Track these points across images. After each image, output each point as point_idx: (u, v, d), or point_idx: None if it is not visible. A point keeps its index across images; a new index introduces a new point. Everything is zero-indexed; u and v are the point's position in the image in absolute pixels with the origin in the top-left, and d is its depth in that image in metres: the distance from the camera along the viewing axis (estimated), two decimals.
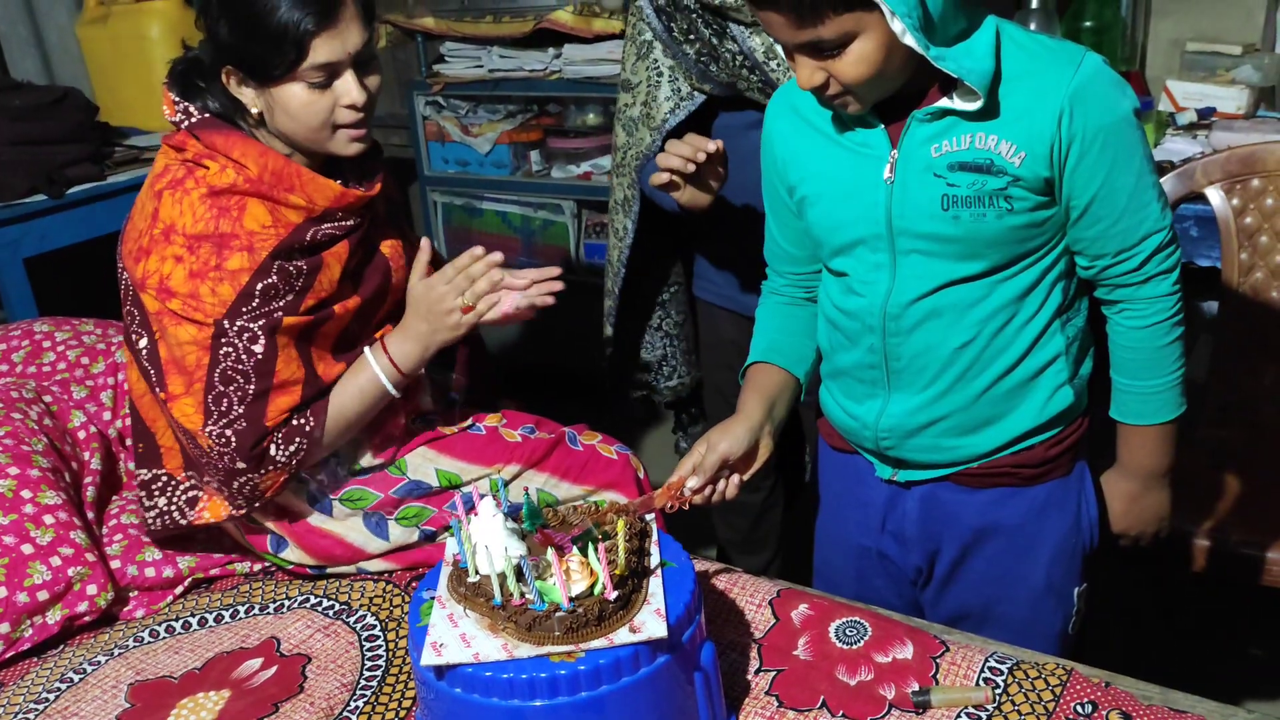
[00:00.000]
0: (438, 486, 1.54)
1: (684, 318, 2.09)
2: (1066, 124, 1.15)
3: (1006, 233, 1.19)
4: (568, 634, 1.08)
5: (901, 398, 1.30)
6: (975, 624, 1.37)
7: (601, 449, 1.65)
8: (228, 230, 1.34)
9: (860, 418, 1.34)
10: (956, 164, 1.18)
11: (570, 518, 1.25)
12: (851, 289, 1.29)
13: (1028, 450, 1.31)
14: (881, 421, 1.32)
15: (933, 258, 1.22)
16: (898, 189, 1.21)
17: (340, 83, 1.34)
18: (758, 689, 1.25)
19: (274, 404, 1.37)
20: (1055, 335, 1.26)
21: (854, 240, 1.26)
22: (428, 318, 1.47)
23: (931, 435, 1.30)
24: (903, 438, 1.32)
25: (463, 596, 1.15)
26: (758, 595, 1.38)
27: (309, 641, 1.43)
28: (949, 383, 1.27)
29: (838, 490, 1.48)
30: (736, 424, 1.32)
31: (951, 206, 1.18)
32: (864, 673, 1.24)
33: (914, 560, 1.41)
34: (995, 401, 1.27)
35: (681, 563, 1.20)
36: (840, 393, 1.38)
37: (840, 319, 1.32)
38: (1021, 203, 1.18)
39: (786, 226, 1.39)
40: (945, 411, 1.28)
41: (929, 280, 1.23)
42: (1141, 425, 1.32)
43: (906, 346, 1.27)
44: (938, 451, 1.31)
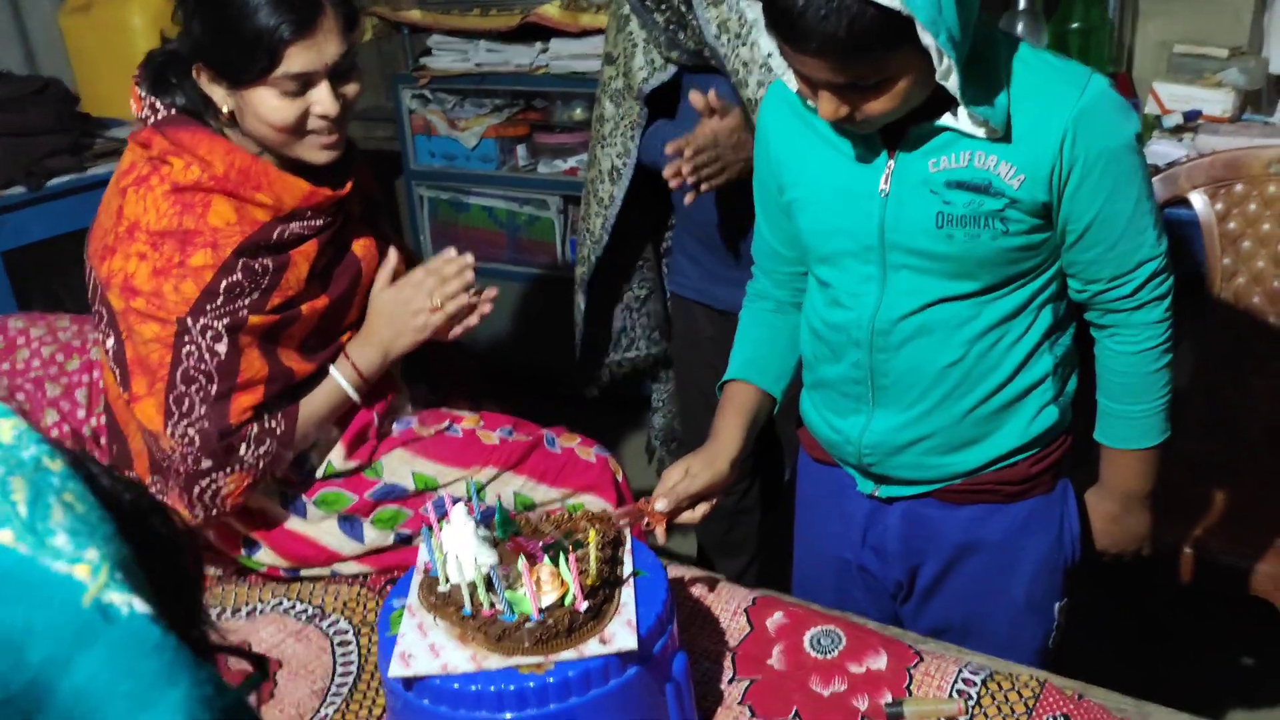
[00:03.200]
0: (414, 489, 1.52)
1: (646, 292, 2.10)
2: (1069, 148, 1.13)
3: (1000, 254, 1.18)
4: (537, 645, 1.07)
5: (886, 414, 1.29)
6: (955, 638, 1.36)
7: (580, 452, 1.64)
8: (191, 227, 1.32)
9: (843, 432, 1.33)
10: (954, 182, 1.15)
11: (542, 526, 1.24)
12: (837, 301, 1.28)
13: (1011, 468, 1.30)
14: (865, 438, 1.31)
15: (924, 274, 1.21)
16: (892, 202, 1.19)
17: (314, 92, 1.32)
18: (730, 699, 1.24)
19: (236, 403, 1.36)
20: (1043, 356, 1.25)
21: (843, 250, 1.25)
22: (392, 322, 1.46)
23: (915, 453, 1.29)
24: (886, 455, 1.31)
25: (433, 605, 1.14)
26: (733, 602, 1.38)
27: (281, 646, 1.42)
28: (935, 401, 1.26)
29: (818, 502, 1.47)
30: (719, 456, 1.31)
31: (946, 225, 1.16)
32: (838, 683, 1.24)
33: (894, 574, 1.40)
34: (981, 421, 1.26)
35: (655, 572, 1.19)
36: (823, 405, 1.37)
37: (825, 331, 1.31)
38: (1017, 225, 1.16)
39: (776, 225, 1.36)
40: (930, 430, 1.27)
41: (919, 297, 1.22)
42: (1125, 449, 1.31)
43: (893, 363, 1.25)
44: (921, 469, 1.31)
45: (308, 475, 1.50)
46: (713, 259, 1.91)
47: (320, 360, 1.45)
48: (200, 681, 0.47)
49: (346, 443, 1.49)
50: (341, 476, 1.51)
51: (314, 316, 1.42)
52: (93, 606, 0.46)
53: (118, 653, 0.45)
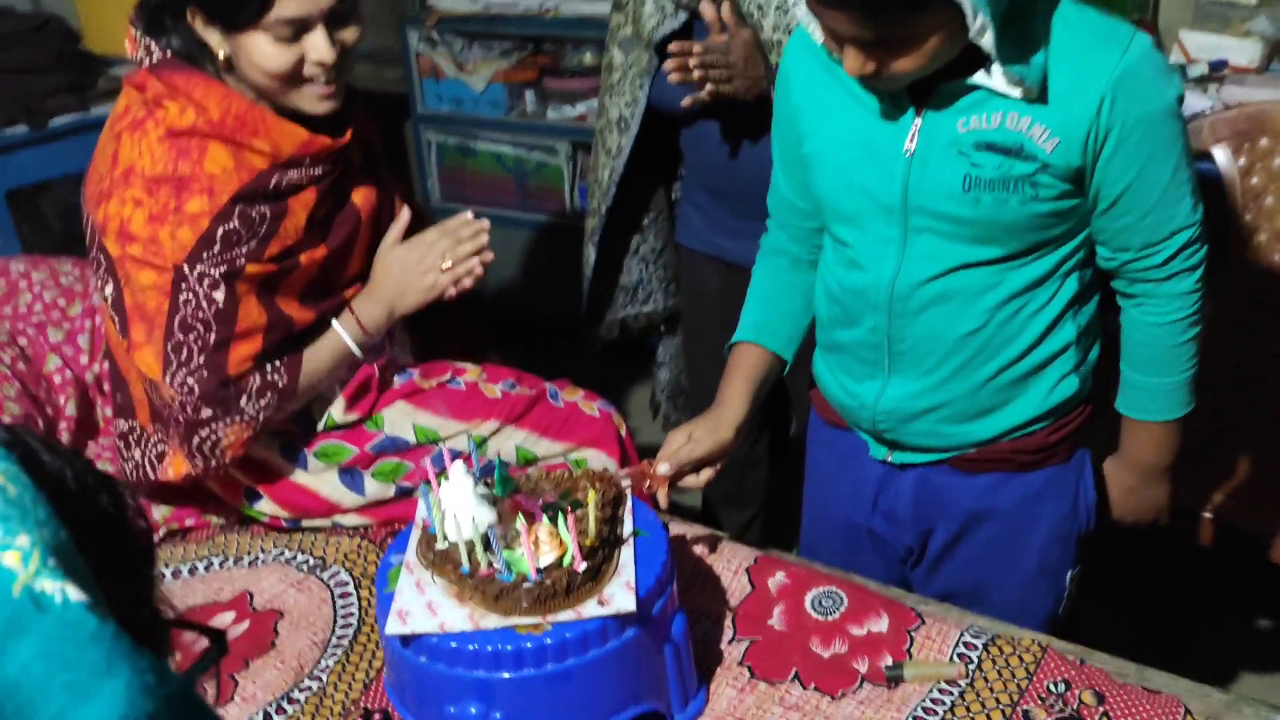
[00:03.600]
0: (415, 442, 1.51)
1: (662, 245, 2.06)
2: (1107, 112, 1.08)
3: (1028, 220, 1.14)
4: (535, 605, 1.06)
5: (902, 381, 1.26)
6: (964, 603, 1.35)
7: (583, 406, 1.63)
8: (187, 173, 1.30)
9: (858, 397, 1.31)
10: (983, 144, 1.11)
11: (542, 484, 1.22)
12: (855, 263, 1.24)
13: (1028, 437, 1.27)
14: (880, 404, 1.28)
15: (947, 239, 1.17)
16: (917, 162, 1.15)
17: (310, 38, 1.28)
18: (730, 659, 1.24)
19: (235, 352, 1.34)
20: (1066, 325, 1.22)
21: (862, 210, 1.20)
22: (401, 279, 1.44)
23: (931, 421, 1.27)
24: (901, 421, 1.28)
25: (430, 563, 1.13)
26: (734, 561, 1.37)
27: (282, 596, 1.41)
28: (953, 369, 1.23)
29: (828, 465, 1.45)
30: (723, 424, 1.29)
31: (973, 188, 1.12)
32: (838, 645, 1.23)
33: (905, 540, 1.39)
34: (999, 390, 1.24)
35: (655, 531, 1.18)
36: (838, 368, 1.34)
37: (841, 294, 1.28)
38: (1048, 190, 1.12)
39: (794, 177, 1.32)
40: (947, 398, 1.25)
41: (940, 262, 1.18)
42: (1147, 421, 1.28)
43: (911, 329, 1.22)
44: (936, 437, 1.28)
45: (308, 427, 1.48)
46: (720, 209, 1.88)
47: (321, 310, 1.43)
48: (141, 670, 0.45)
49: (347, 395, 1.48)
50: (342, 429, 1.50)
51: (312, 267, 1.39)
52: (23, 595, 0.44)
53: (52, 643, 0.44)
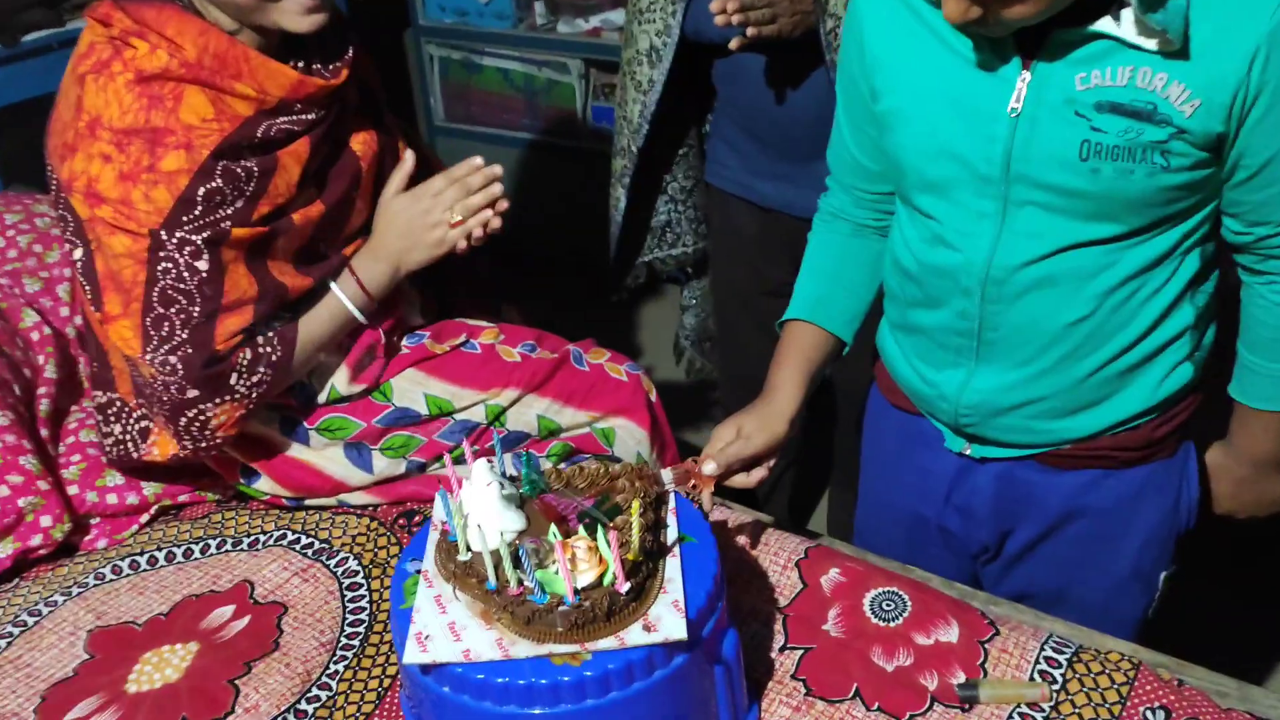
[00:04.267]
0: (427, 414, 1.38)
1: (692, 184, 1.90)
2: (1259, 70, 0.91)
3: (1154, 194, 0.98)
4: (572, 631, 0.94)
5: (992, 372, 1.12)
6: (1040, 604, 1.23)
7: (609, 369, 1.48)
8: (161, 124, 1.13)
9: (937, 386, 1.17)
10: (1107, 104, 0.94)
11: (576, 481, 1.09)
12: (942, 239, 1.09)
13: (1132, 432, 1.13)
14: (965, 396, 1.14)
15: (1054, 214, 1.01)
16: (1024, 125, 0.98)
17: None
18: (782, 671, 1.12)
19: (223, 326, 1.19)
20: (1183, 308, 1.07)
21: (953, 179, 1.05)
22: (406, 234, 1.29)
23: (1022, 416, 1.13)
24: (988, 416, 1.14)
25: (452, 575, 1.01)
26: (783, 554, 1.24)
27: (285, 587, 1.29)
28: (1053, 361, 1.08)
29: (893, 451, 1.31)
30: (776, 415, 1.15)
31: (1093, 156, 0.96)
32: (902, 656, 1.11)
33: (981, 537, 1.26)
34: (1104, 383, 1.09)
35: (702, 536, 1.05)
36: (914, 352, 1.19)
37: (923, 274, 1.12)
38: (1180, 160, 0.96)
39: (862, 133, 1.16)
40: (1044, 393, 1.10)
41: (1046, 241, 1.02)
42: (1265, 410, 1.14)
43: (1008, 317, 1.07)
44: (1027, 433, 1.14)
45: (309, 401, 1.35)
46: (756, 149, 1.71)
47: (319, 274, 1.28)
48: None
49: (351, 364, 1.34)
50: (347, 401, 1.36)
51: (308, 226, 1.24)
52: None
53: None
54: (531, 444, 1.43)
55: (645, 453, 1.47)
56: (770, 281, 1.83)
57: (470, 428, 1.39)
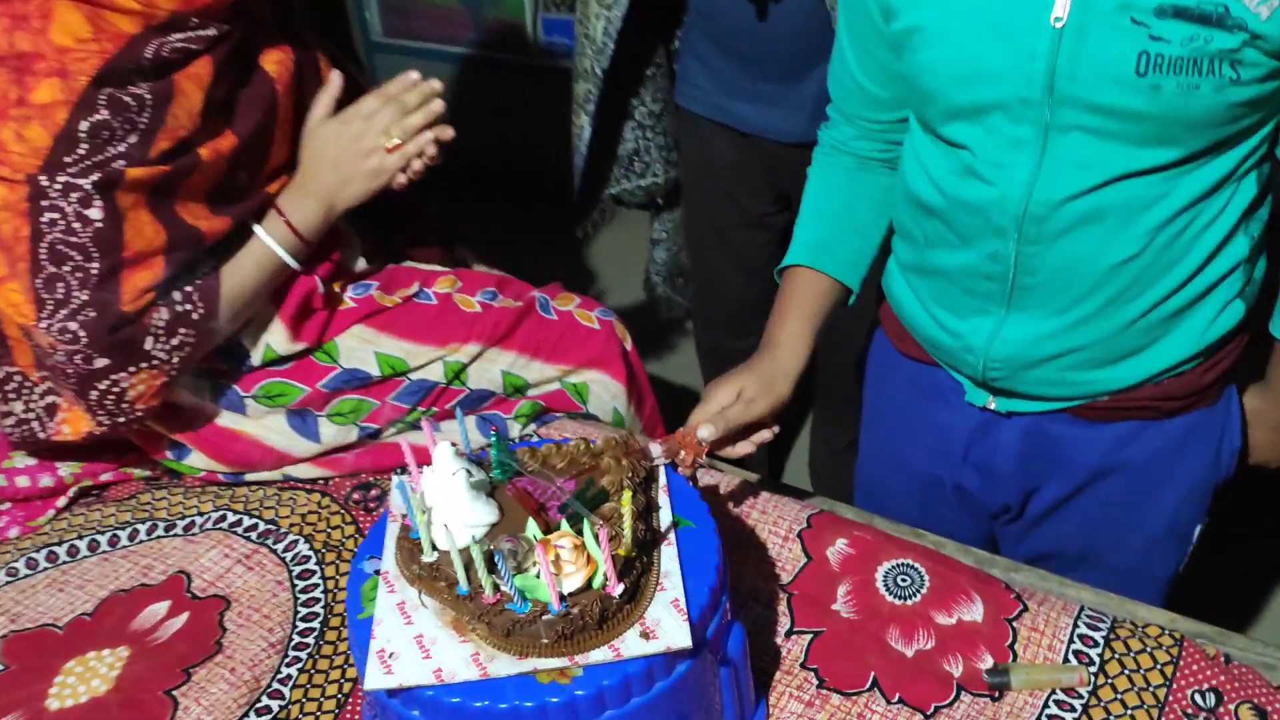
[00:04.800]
0: (378, 375, 1.23)
1: (661, 107, 1.74)
2: None
3: (1220, 111, 0.85)
4: (560, 643, 0.81)
5: (1026, 320, 0.99)
6: (1065, 565, 1.13)
7: (579, 316, 1.34)
8: (28, 48, 0.95)
9: (961, 337, 1.04)
10: (1169, 8, 0.81)
11: (553, 459, 0.95)
12: (973, 171, 0.95)
13: (1177, 379, 1.02)
14: (993, 348, 1.02)
15: (1105, 139, 0.88)
16: (1070, 36, 0.84)
17: None
18: (790, 659, 1.00)
19: (129, 283, 1.03)
20: (1238, 239, 0.95)
21: (986, 103, 0.91)
22: (337, 164, 1.13)
23: (1057, 367, 1.00)
24: (1019, 369, 1.02)
25: (416, 577, 0.87)
26: (782, 524, 1.12)
27: (227, 577, 1.15)
28: (1096, 307, 0.96)
29: (903, 404, 1.19)
30: (780, 376, 1.02)
31: (1151, 71, 0.82)
32: (922, 638, 1.00)
33: (1002, 497, 1.15)
34: (1150, 328, 0.98)
35: (700, 519, 0.92)
36: (931, 298, 1.06)
37: (949, 210, 0.99)
38: (1252, 71, 0.83)
39: (869, 57, 1.02)
40: (1083, 342, 0.98)
41: (1093, 172, 0.89)
42: None
43: (1047, 258, 0.94)
44: (1060, 385, 1.02)
45: (242, 363, 1.19)
46: (732, 67, 1.55)
47: (238, 215, 1.11)
48: None
49: (288, 319, 1.18)
50: (286, 363, 1.21)
51: (219, 162, 1.07)
52: None
53: None
54: (496, 403, 1.29)
55: (622, 408, 1.34)
56: (748, 212, 1.68)
57: (427, 388, 1.24)
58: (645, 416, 1.39)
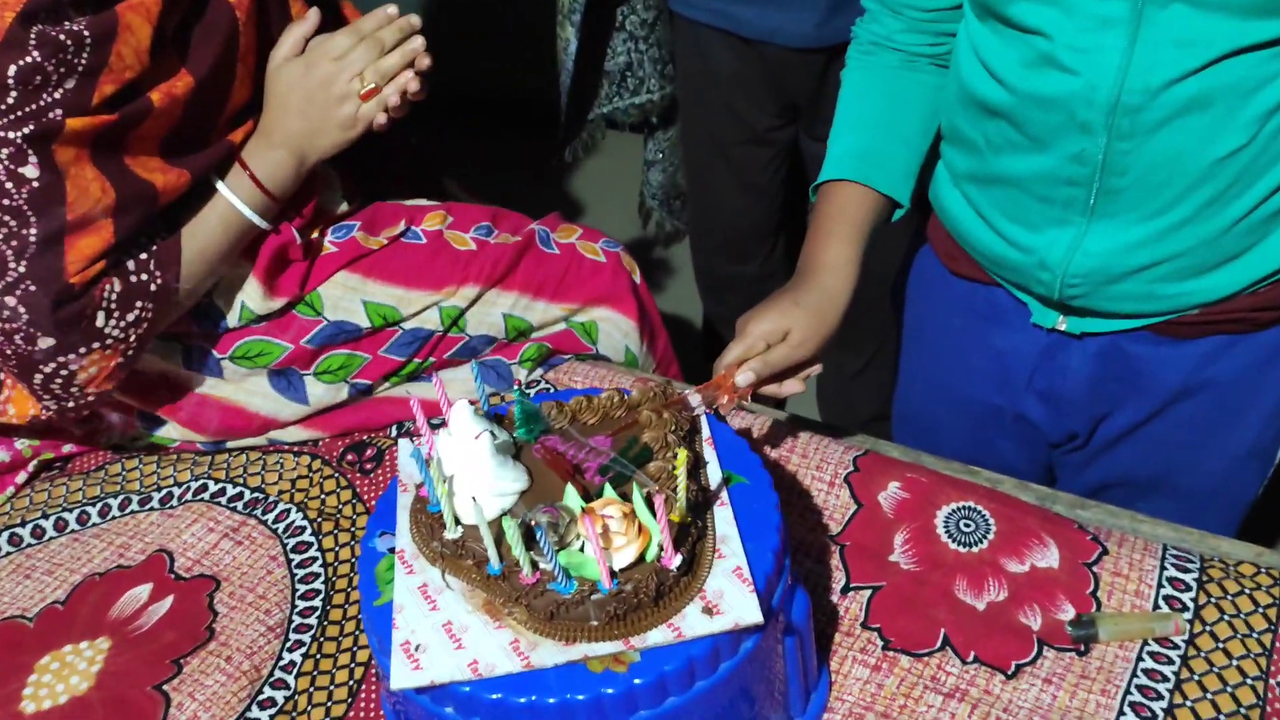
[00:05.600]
0: (368, 326, 1.11)
1: (654, 16, 1.60)
2: None
3: None
4: (613, 624, 0.71)
5: (1112, 229, 0.89)
6: (1134, 493, 1.04)
7: (583, 248, 1.22)
8: None
9: (1034, 251, 0.93)
10: None
11: (582, 415, 0.84)
12: (1051, 60, 0.83)
13: (1274, 286, 0.92)
14: (1073, 262, 0.91)
15: (1210, 10, 0.76)
16: None
17: None
18: (850, 618, 0.91)
19: (74, 250, 0.90)
20: None
21: None
22: (305, 112, 1.00)
23: (1145, 280, 0.90)
24: (1101, 284, 0.91)
25: (438, 556, 0.77)
26: (827, 467, 1.02)
27: (214, 554, 1.04)
28: (1194, 208, 0.85)
29: (956, 329, 1.08)
30: (830, 308, 0.91)
31: None
32: (993, 589, 0.91)
33: (1068, 425, 1.05)
34: (1251, 230, 0.87)
35: (754, 474, 0.82)
36: (994, 210, 0.95)
37: (1019, 109, 0.87)
38: None
39: None
40: (1178, 249, 0.88)
41: (1198, 50, 0.78)
42: None
43: (1142, 155, 0.83)
44: (1147, 300, 0.92)
45: (216, 325, 1.06)
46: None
47: (198, 166, 0.97)
48: None
49: (262, 275, 1.05)
50: (265, 320, 1.08)
51: (174, 107, 0.93)
52: None
53: None
54: (499, 349, 1.17)
55: (635, 346, 1.23)
56: (751, 127, 1.56)
57: (423, 338, 1.13)
58: (659, 354, 1.28)
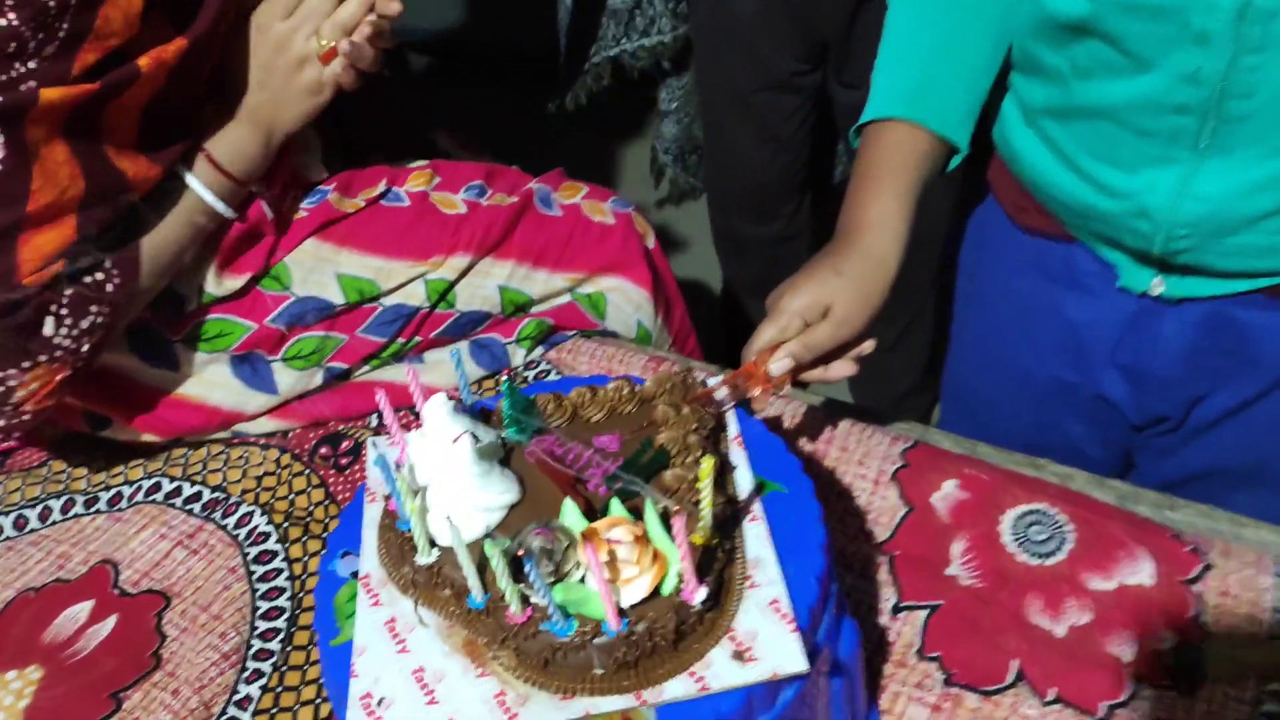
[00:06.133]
0: (343, 302, 0.96)
1: None
2: None
3: None
4: (621, 673, 0.57)
5: (1229, 167, 0.74)
6: (1225, 484, 0.90)
7: (589, 210, 1.08)
8: None
9: (1130, 197, 0.78)
10: None
11: (586, 408, 0.70)
12: None
13: None
14: (1181, 208, 0.76)
15: None
16: None
17: None
18: (901, 644, 0.77)
19: (29, 248, 0.76)
20: None
21: None
22: (263, 84, 0.87)
23: (1271, 230, 0.76)
24: (1214, 234, 0.77)
25: (410, 584, 0.63)
26: (871, 464, 0.88)
27: (164, 565, 0.91)
28: None
29: (1024, 293, 0.93)
30: (881, 273, 0.76)
31: None
32: (1075, 612, 0.77)
33: (1158, 407, 0.91)
34: None
35: (791, 480, 0.68)
36: (1080, 149, 0.80)
37: (1115, 20, 0.72)
38: None
39: None
40: None
41: None
42: None
43: (1273, 72, 0.68)
44: (1270, 255, 0.77)
45: (173, 309, 0.92)
46: None
47: (168, 160, 0.84)
48: None
49: (223, 257, 0.92)
50: (227, 300, 0.94)
51: (160, 72, 0.79)
52: None
53: None
54: (493, 325, 1.03)
55: (648, 320, 1.08)
56: (774, 72, 1.41)
57: (406, 315, 0.99)
58: (675, 326, 1.13)
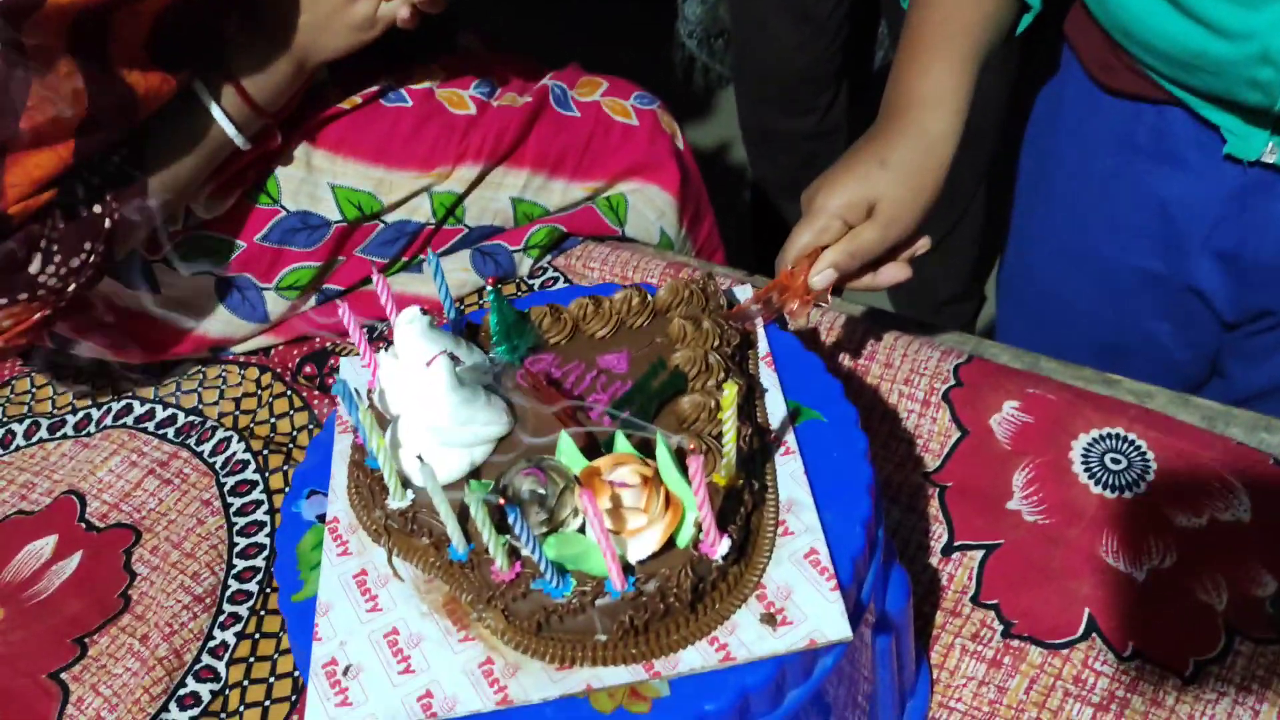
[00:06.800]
0: (339, 219, 0.86)
1: None
2: None
3: None
4: (627, 640, 0.48)
5: None
6: None
7: (610, 109, 0.96)
8: None
9: (1251, 37, 0.64)
10: None
11: (589, 321, 0.60)
12: None
13: None
14: None
15: None
16: None
17: None
18: (954, 590, 0.68)
19: (20, 169, 0.66)
20: None
21: None
22: (313, 5, 0.76)
23: None
24: None
25: (385, 530, 0.54)
26: (919, 381, 0.77)
27: (135, 495, 0.82)
28: None
29: (1098, 171, 0.81)
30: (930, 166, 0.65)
31: None
32: (1156, 553, 0.67)
33: (1257, 298, 0.79)
34: None
35: (832, 408, 0.58)
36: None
37: None
38: None
39: None
40: None
41: None
42: None
43: None
44: None
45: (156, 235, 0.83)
46: None
47: (182, 76, 0.73)
48: None
49: (212, 189, 0.82)
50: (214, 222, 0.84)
51: None
52: None
53: None
54: (504, 236, 0.93)
55: (671, 229, 0.97)
56: None
57: (411, 233, 0.88)
58: (701, 239, 1.02)
